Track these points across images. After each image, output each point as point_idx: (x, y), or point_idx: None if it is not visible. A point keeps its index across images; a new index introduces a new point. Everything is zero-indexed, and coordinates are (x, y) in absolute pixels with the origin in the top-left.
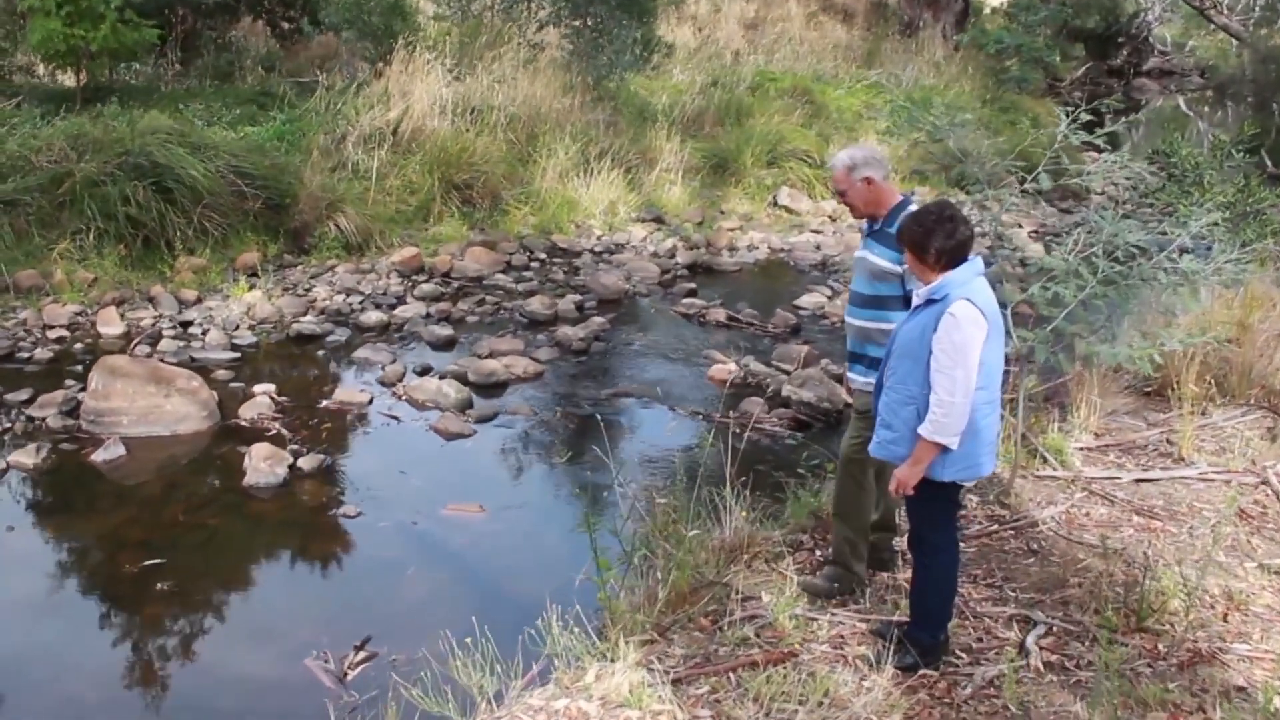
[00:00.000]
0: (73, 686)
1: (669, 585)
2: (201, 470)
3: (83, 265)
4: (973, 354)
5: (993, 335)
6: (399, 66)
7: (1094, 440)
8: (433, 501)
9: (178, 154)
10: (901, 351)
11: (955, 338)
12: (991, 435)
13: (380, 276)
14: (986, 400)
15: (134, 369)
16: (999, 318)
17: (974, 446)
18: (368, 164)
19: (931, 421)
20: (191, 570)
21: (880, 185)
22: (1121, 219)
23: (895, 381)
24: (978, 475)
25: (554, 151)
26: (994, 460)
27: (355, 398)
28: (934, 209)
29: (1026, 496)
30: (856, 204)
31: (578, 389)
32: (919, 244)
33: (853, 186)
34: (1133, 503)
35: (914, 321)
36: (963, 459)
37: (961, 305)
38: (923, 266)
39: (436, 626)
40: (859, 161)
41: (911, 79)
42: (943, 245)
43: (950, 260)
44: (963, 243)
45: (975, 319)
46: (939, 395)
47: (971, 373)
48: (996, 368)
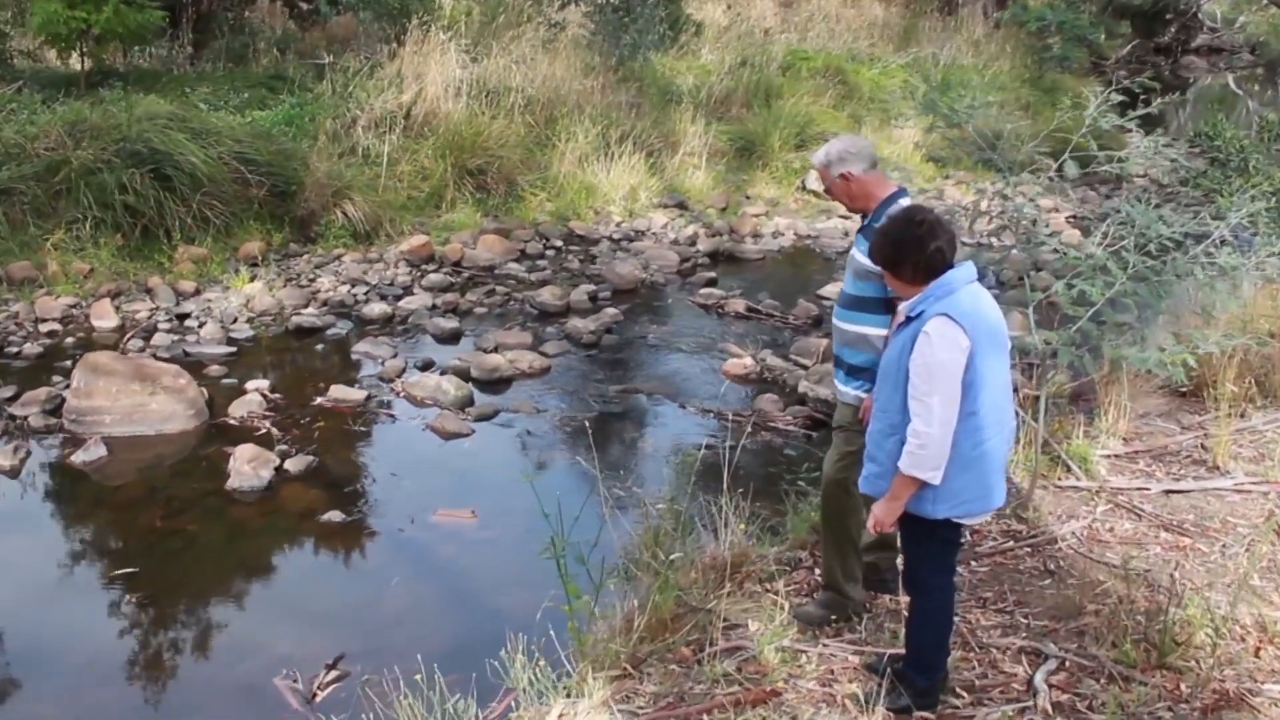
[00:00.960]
0: (24, 708)
1: (649, 610)
2: (184, 472)
3: (79, 256)
4: (951, 378)
5: (990, 350)
6: (413, 47)
7: (1122, 446)
8: (424, 506)
9: (177, 140)
10: (882, 374)
11: (930, 360)
12: (993, 466)
13: (388, 266)
14: (981, 426)
15: (117, 366)
16: (998, 329)
17: (970, 480)
18: (378, 149)
19: (908, 454)
20: (164, 580)
21: (863, 179)
22: (1154, 209)
23: (878, 409)
24: (979, 512)
25: (573, 135)
26: (1000, 494)
27: (350, 395)
28: (901, 219)
29: (1046, 509)
30: (840, 199)
31: (585, 385)
32: (892, 261)
33: (833, 183)
34: (1161, 517)
35: (895, 341)
36: (957, 494)
37: (937, 323)
38: (901, 283)
39: (414, 645)
40: (835, 156)
41: (950, 58)
42: (917, 259)
43: (929, 272)
44: (939, 252)
45: (953, 338)
46: (914, 425)
47: (952, 399)
48: (997, 387)
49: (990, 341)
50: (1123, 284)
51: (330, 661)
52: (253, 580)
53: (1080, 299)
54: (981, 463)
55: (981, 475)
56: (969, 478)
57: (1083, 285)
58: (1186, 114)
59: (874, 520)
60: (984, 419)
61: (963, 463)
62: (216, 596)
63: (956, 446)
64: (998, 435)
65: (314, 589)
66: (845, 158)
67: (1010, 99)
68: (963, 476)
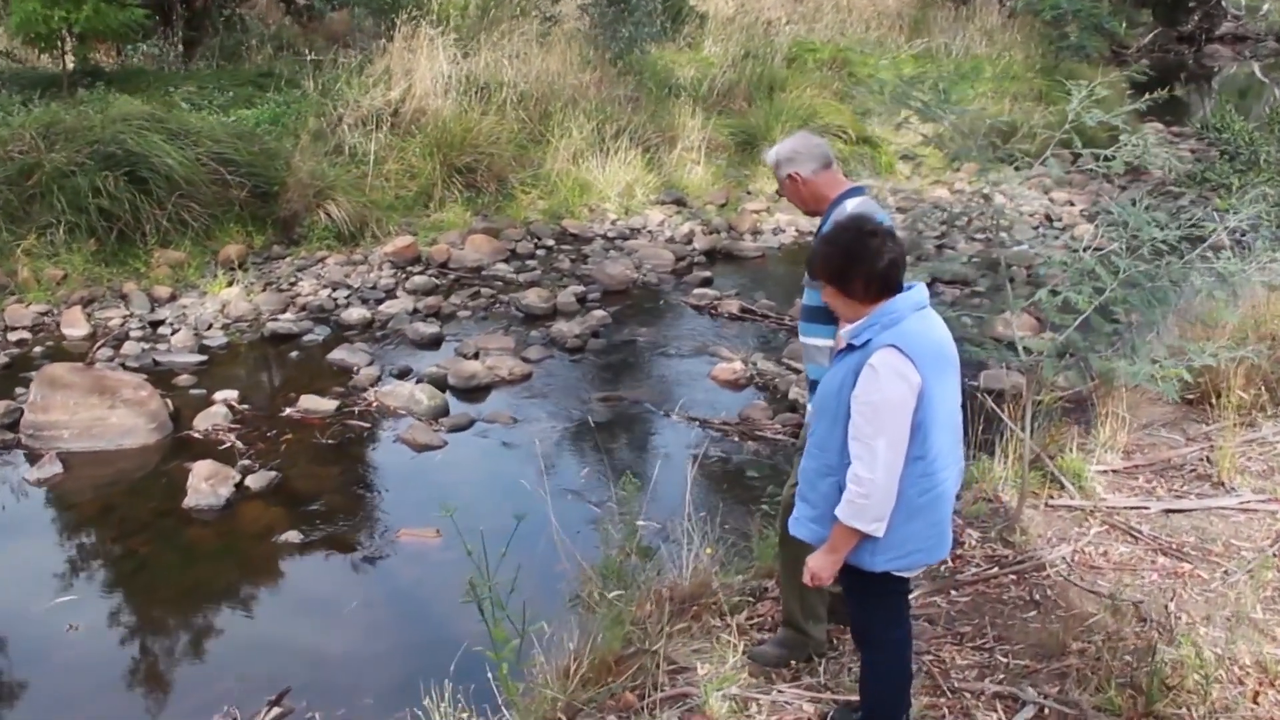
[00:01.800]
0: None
1: (592, 651)
2: (141, 490)
3: (52, 262)
4: (899, 419)
5: (941, 384)
6: (402, 43)
7: (1121, 460)
8: (388, 524)
9: (152, 141)
10: (819, 407)
11: (876, 398)
12: (942, 513)
13: (372, 268)
14: (930, 471)
15: (75, 379)
16: (949, 358)
17: (917, 529)
18: (365, 147)
19: (848, 503)
20: (107, 608)
21: (813, 181)
22: (1147, 209)
23: (814, 444)
24: (922, 564)
25: (568, 131)
26: (948, 543)
27: (321, 405)
28: (852, 227)
29: (1035, 531)
30: (792, 201)
31: (567, 392)
32: (839, 273)
33: (783, 184)
34: (1159, 539)
35: (833, 371)
36: (899, 544)
37: (885, 356)
38: (848, 301)
39: (364, 678)
40: (783, 156)
41: (962, 48)
42: (871, 270)
43: (883, 289)
44: (894, 264)
45: (903, 373)
46: (856, 470)
47: (899, 442)
48: (948, 426)
49: (941, 374)
50: (1113, 290)
51: (274, 697)
52: (201, 607)
53: (1066, 306)
54: (929, 510)
55: (929, 524)
56: (915, 526)
57: (1068, 293)
58: (1210, 103)
59: (809, 573)
60: (934, 462)
61: (909, 510)
62: (160, 625)
63: (902, 494)
64: (948, 479)
65: (265, 616)
66: (794, 158)
67: (1024, 89)
68: (908, 525)
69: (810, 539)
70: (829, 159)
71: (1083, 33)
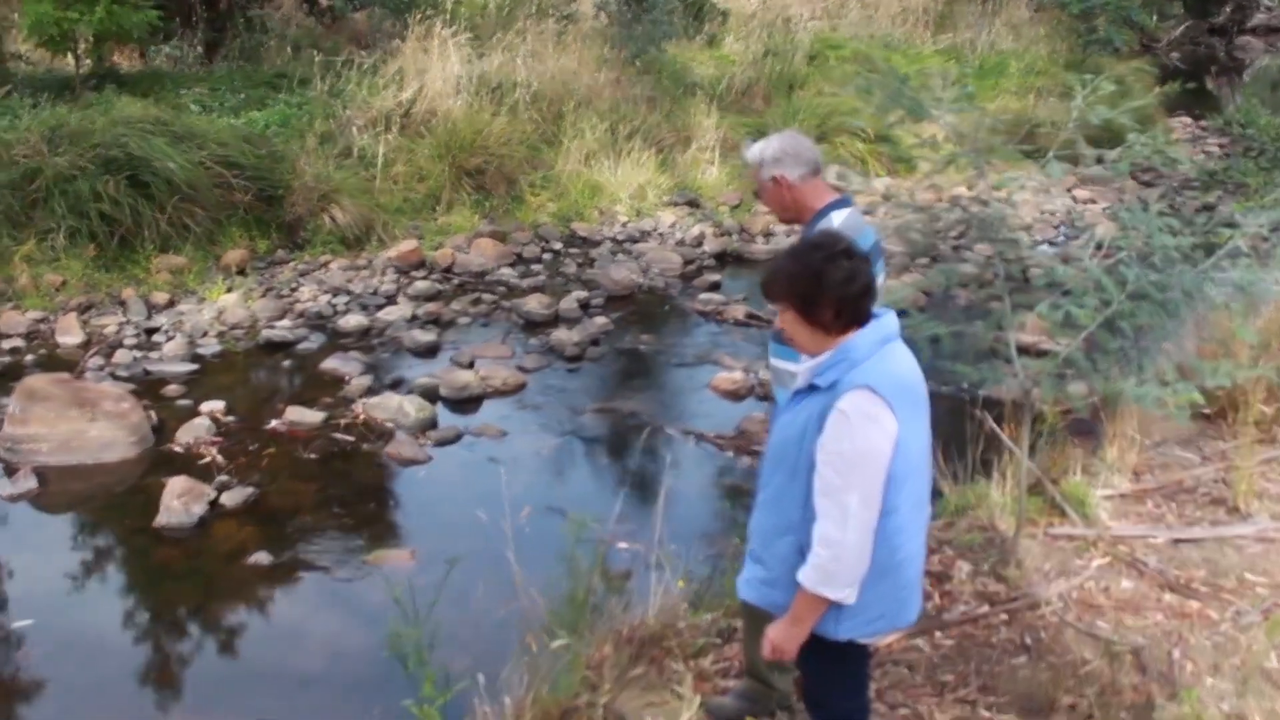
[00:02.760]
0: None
1: (537, 702)
2: (115, 507)
3: (52, 267)
4: (875, 471)
5: (914, 428)
6: (415, 43)
7: (1130, 483)
8: (363, 545)
9: (155, 145)
10: (776, 457)
11: (847, 447)
12: (912, 574)
13: (375, 273)
14: (902, 527)
15: (55, 391)
16: (920, 395)
17: (884, 592)
18: (374, 150)
19: (816, 567)
20: (63, 634)
21: (799, 187)
22: (1160, 213)
23: (768, 499)
24: (888, 630)
25: (580, 131)
26: (917, 605)
27: (307, 417)
28: (822, 243)
29: (1032, 565)
30: (771, 206)
31: (561, 403)
32: (806, 297)
33: (764, 186)
34: (1165, 574)
35: (791, 414)
36: (866, 609)
37: (858, 399)
38: (812, 331)
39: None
40: (769, 155)
41: (988, 43)
42: (843, 296)
43: (853, 318)
44: (867, 291)
45: (878, 418)
46: (825, 530)
47: (873, 497)
48: (919, 473)
49: (914, 415)
50: (1120, 303)
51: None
52: (160, 635)
53: (1067, 321)
54: (899, 570)
55: (898, 585)
56: (883, 589)
57: (1069, 306)
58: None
59: (770, 646)
60: (905, 517)
61: (877, 572)
62: (114, 655)
63: (873, 560)
64: (918, 536)
65: (224, 646)
66: (781, 158)
67: (1050, 84)
68: (875, 588)
69: (762, 604)
70: (818, 165)
71: (1110, 26)
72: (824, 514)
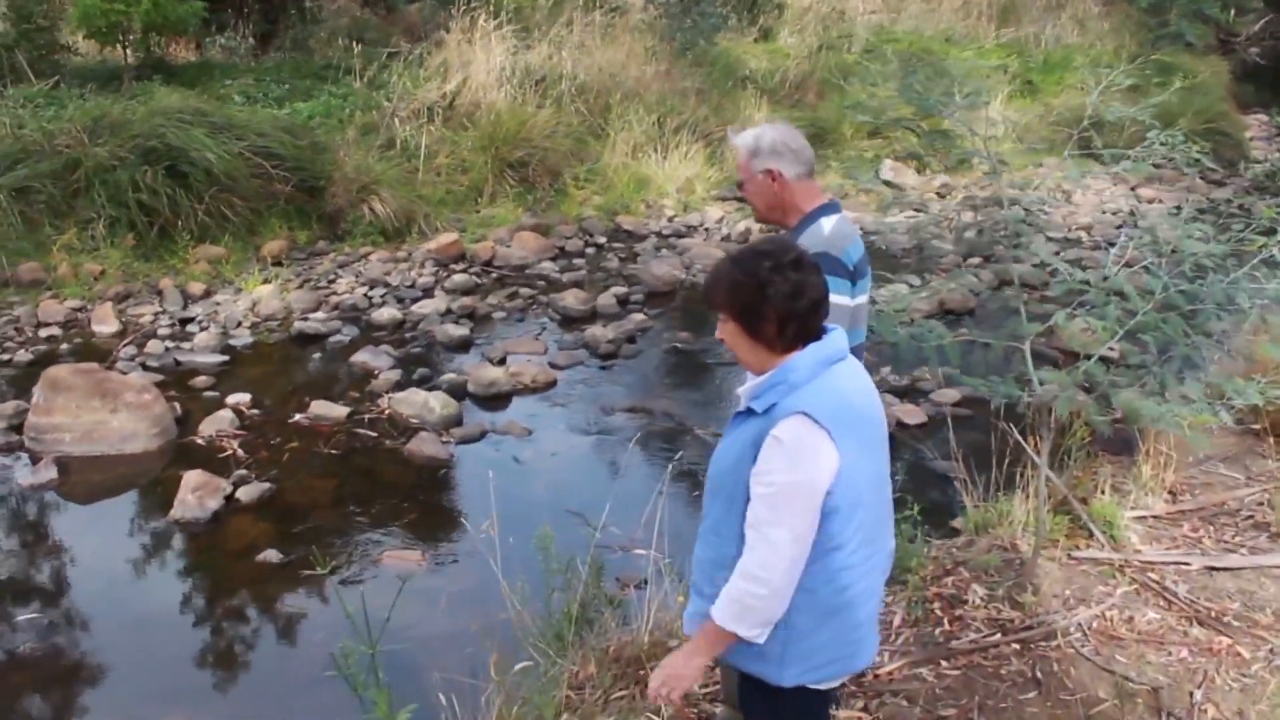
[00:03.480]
0: None
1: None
2: (131, 499)
3: (91, 257)
4: (807, 505)
5: (863, 456)
6: (460, 35)
7: (1165, 504)
8: (374, 544)
9: (193, 135)
10: (714, 486)
11: (779, 479)
12: (863, 614)
13: (414, 266)
14: (848, 565)
15: (78, 381)
16: (874, 419)
17: (833, 634)
18: (417, 141)
19: (731, 600)
20: (67, 626)
21: (792, 185)
22: (1188, 220)
23: (707, 528)
24: (841, 674)
25: (628, 124)
26: (870, 649)
27: (332, 412)
28: (770, 249)
29: (1051, 590)
30: (756, 203)
31: (590, 402)
32: (749, 309)
33: (753, 179)
34: (1195, 605)
35: (729, 441)
36: (813, 653)
37: (794, 426)
38: (754, 346)
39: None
40: (765, 146)
41: (1053, 37)
42: (789, 310)
43: (799, 336)
44: (816, 305)
45: (815, 448)
46: (747, 564)
47: (805, 534)
48: (869, 506)
49: (865, 444)
50: (1144, 314)
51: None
52: (159, 632)
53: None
54: (848, 611)
55: (847, 627)
56: (831, 631)
57: (1088, 317)
58: None
59: (660, 679)
60: (854, 554)
61: (822, 612)
62: (113, 651)
63: (814, 593)
64: (871, 574)
65: (223, 647)
66: (779, 151)
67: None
68: (822, 630)
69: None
70: (813, 166)
71: (1183, 20)
72: (750, 546)
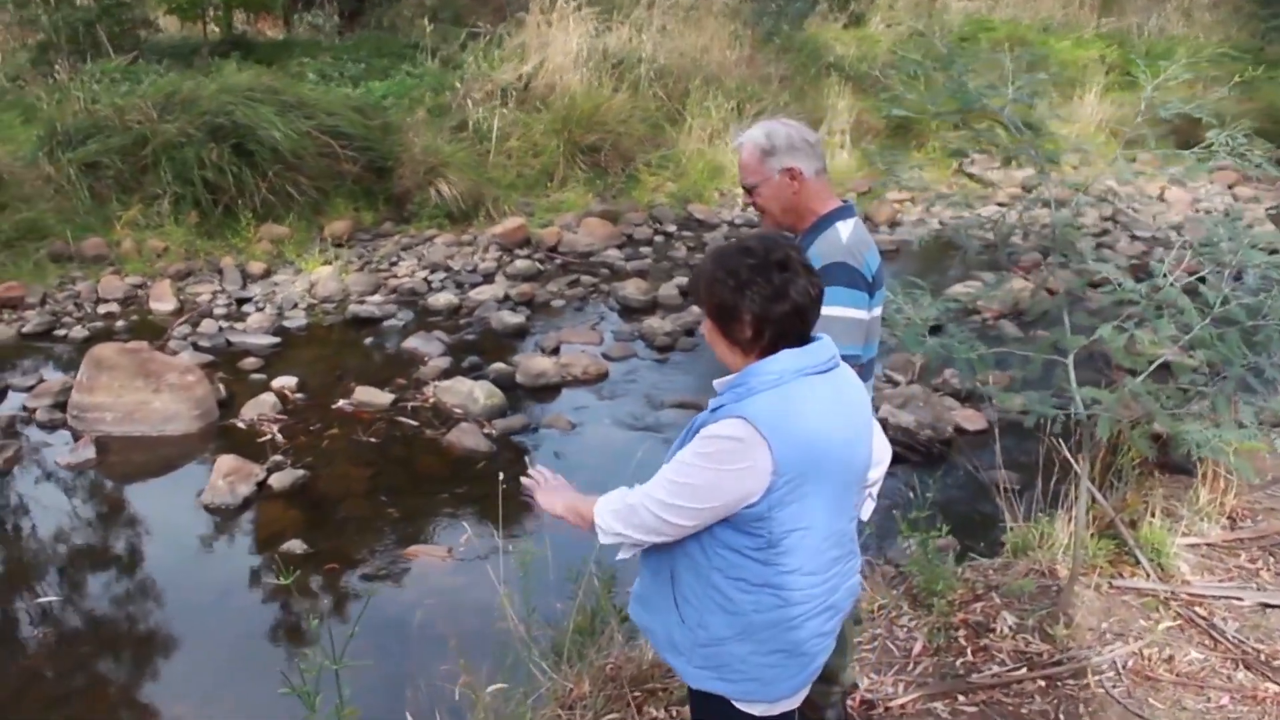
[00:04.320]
0: None
1: None
2: (165, 482)
3: (155, 233)
4: (716, 504)
5: (819, 486)
6: (540, 15)
7: (1222, 530)
8: (402, 538)
9: (261, 113)
10: None
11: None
12: (786, 642)
13: (478, 250)
14: (785, 602)
15: (122, 360)
16: (838, 438)
17: (749, 654)
18: (489, 123)
19: (609, 496)
20: (86, 614)
21: (809, 183)
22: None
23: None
24: (756, 697)
25: (706, 110)
26: (795, 682)
27: (376, 399)
28: (754, 247)
29: (1087, 623)
30: (771, 208)
31: (641, 396)
32: (725, 308)
33: (768, 180)
34: (1244, 645)
35: (680, 439)
36: (725, 663)
37: (728, 426)
38: (730, 346)
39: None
40: (780, 144)
41: (1157, 28)
42: (765, 312)
43: (775, 341)
44: (799, 312)
45: (742, 453)
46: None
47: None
48: (813, 525)
49: (821, 464)
50: (1201, 329)
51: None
52: (174, 622)
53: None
54: (771, 635)
55: (770, 650)
56: (749, 648)
57: (1136, 330)
58: None
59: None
60: (785, 575)
61: (742, 627)
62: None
63: (732, 600)
64: (810, 603)
65: (234, 643)
66: (795, 145)
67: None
68: (739, 644)
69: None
70: (825, 165)
71: None
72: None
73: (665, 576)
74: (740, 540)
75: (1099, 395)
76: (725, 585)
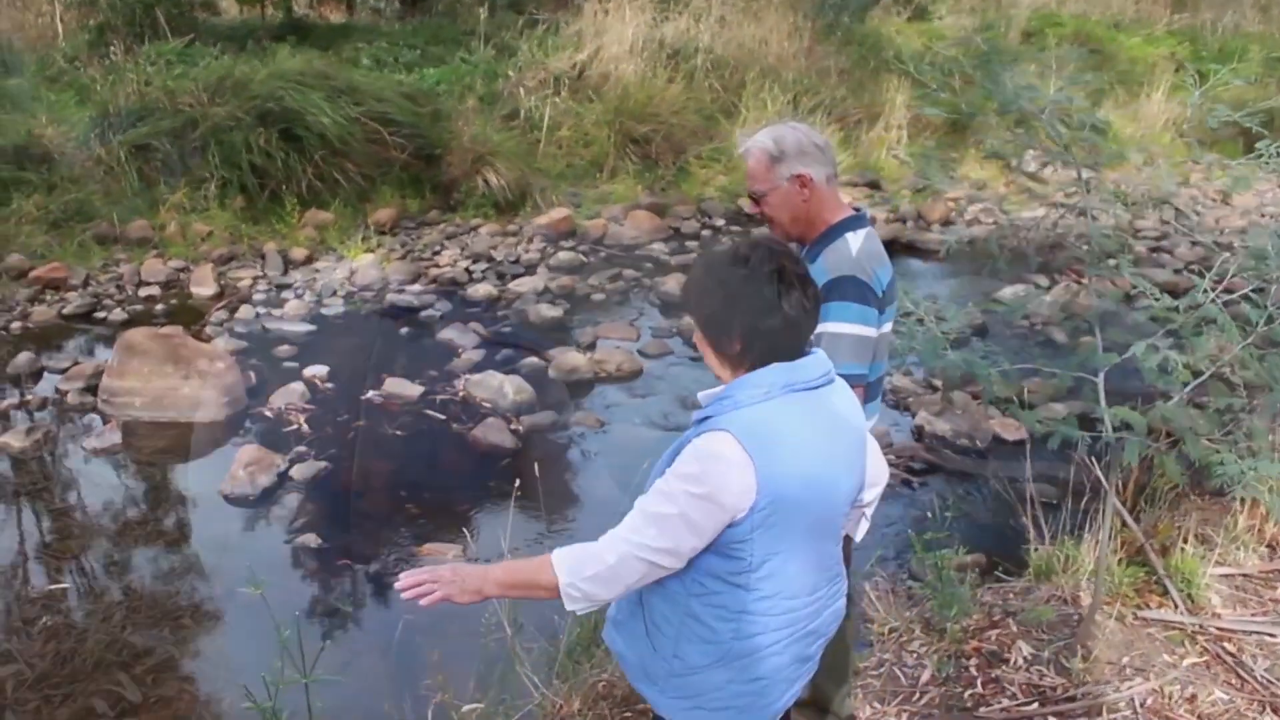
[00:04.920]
0: None
1: None
2: (188, 469)
3: (201, 217)
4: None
5: (803, 515)
6: (599, 4)
7: (1262, 561)
8: (416, 535)
9: (310, 98)
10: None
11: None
12: (764, 669)
13: (522, 240)
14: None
15: (153, 346)
16: (825, 457)
17: (722, 679)
18: (541, 111)
19: (584, 551)
20: (92, 603)
21: (821, 190)
22: None
23: None
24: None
25: (762, 102)
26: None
27: (405, 390)
28: (747, 255)
29: (1107, 656)
30: (780, 217)
31: (674, 395)
32: (714, 319)
33: (776, 188)
34: (1273, 687)
35: (667, 454)
36: (697, 692)
37: (713, 440)
38: (720, 358)
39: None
40: (790, 149)
41: (1231, 24)
42: (755, 326)
43: (764, 356)
44: (792, 326)
45: (727, 470)
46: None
47: (674, 543)
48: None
49: (807, 485)
50: (1242, 349)
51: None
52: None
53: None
54: (748, 662)
55: (746, 678)
56: (722, 676)
57: (1168, 351)
58: None
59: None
60: (763, 601)
61: (717, 653)
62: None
63: (706, 625)
64: (788, 628)
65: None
66: (806, 150)
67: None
68: (716, 672)
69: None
70: (836, 170)
71: None
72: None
73: (634, 600)
74: (720, 565)
75: (1129, 417)
76: (704, 613)
